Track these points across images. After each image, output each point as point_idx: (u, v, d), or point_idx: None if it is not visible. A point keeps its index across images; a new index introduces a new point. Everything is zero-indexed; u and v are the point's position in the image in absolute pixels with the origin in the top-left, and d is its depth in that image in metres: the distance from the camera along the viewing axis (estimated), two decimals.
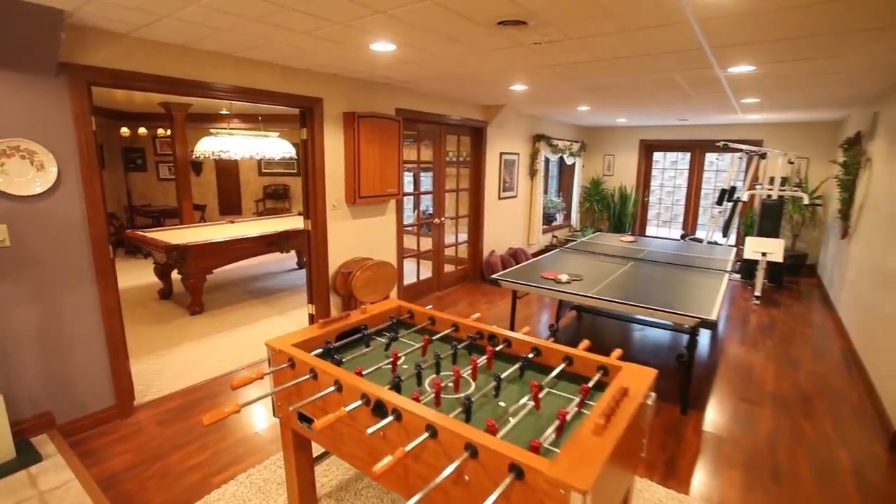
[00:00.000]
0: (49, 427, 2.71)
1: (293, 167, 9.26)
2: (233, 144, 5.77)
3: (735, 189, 6.33)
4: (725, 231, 6.54)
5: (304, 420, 1.88)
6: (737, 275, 6.45)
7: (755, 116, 6.45)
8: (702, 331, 4.11)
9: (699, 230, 8.59)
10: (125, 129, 7.86)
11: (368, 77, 4.09)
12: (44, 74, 2.48)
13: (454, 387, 1.80)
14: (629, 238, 5.72)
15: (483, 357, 2.00)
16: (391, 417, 1.50)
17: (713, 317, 2.84)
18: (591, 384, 1.74)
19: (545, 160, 7.79)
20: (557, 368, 1.89)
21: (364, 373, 1.80)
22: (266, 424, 2.97)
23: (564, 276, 3.66)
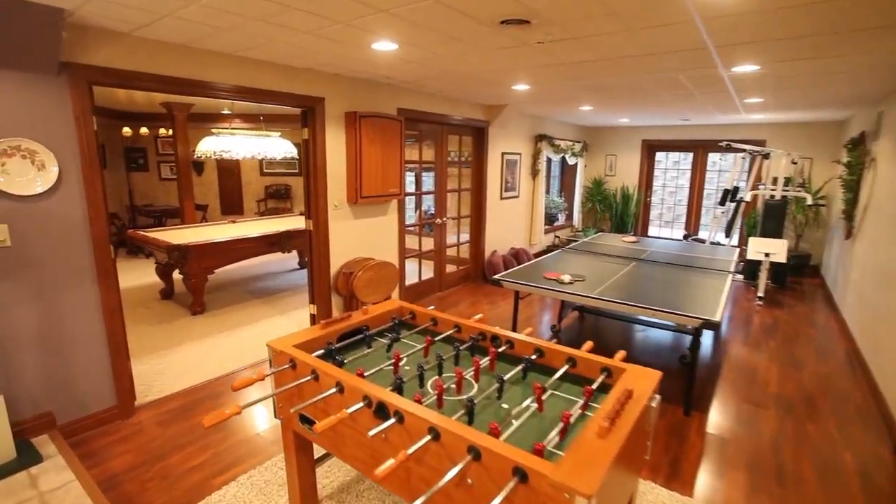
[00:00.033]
0: (50, 427, 2.70)
1: (295, 167, 9.25)
2: (234, 144, 5.76)
3: (738, 189, 6.31)
4: (728, 231, 6.52)
5: (306, 422, 1.86)
6: (739, 275, 6.42)
7: (758, 116, 6.42)
8: (704, 332, 4.08)
9: (702, 230, 8.56)
10: (127, 129, 7.86)
11: (370, 76, 4.08)
12: (45, 74, 2.47)
13: (457, 388, 1.79)
14: (632, 238, 5.70)
15: (486, 358, 1.99)
16: (393, 420, 1.48)
17: (717, 318, 2.82)
18: (595, 386, 1.72)
19: (547, 160, 7.77)
20: (561, 370, 1.87)
21: (366, 374, 1.79)
22: (267, 425, 2.96)
23: (567, 277, 3.65)
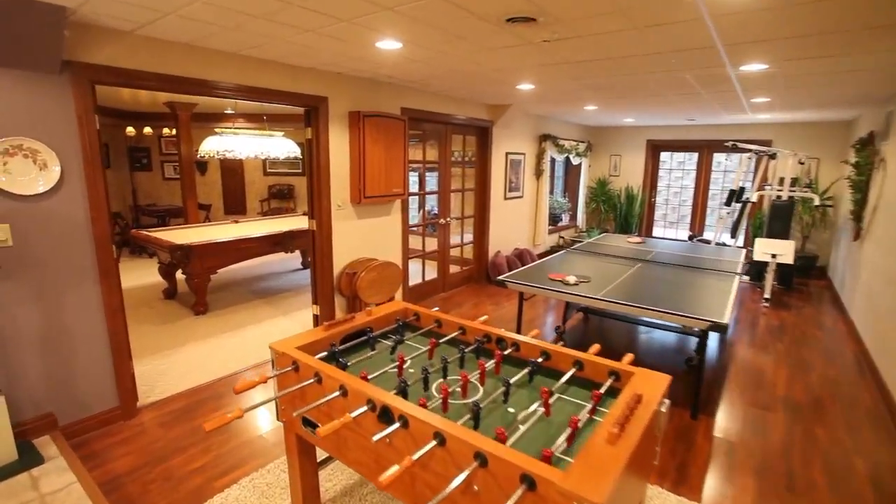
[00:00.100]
0: (51, 428, 2.69)
1: (298, 167, 9.24)
2: (238, 144, 5.75)
3: (744, 190, 6.25)
4: (734, 232, 6.46)
5: (309, 425, 1.84)
6: (745, 276, 6.37)
7: (765, 116, 6.36)
8: (711, 334, 4.04)
9: (707, 231, 8.50)
10: (131, 129, 7.87)
11: (374, 76, 4.06)
12: (47, 72, 2.46)
13: (462, 392, 1.76)
14: (637, 239, 5.66)
15: (491, 361, 1.95)
16: (398, 424, 1.45)
17: (725, 320, 2.78)
18: (603, 390, 1.69)
19: (551, 160, 7.73)
20: (568, 373, 1.84)
21: (369, 377, 1.77)
22: (270, 427, 2.94)
23: (572, 278, 3.61)
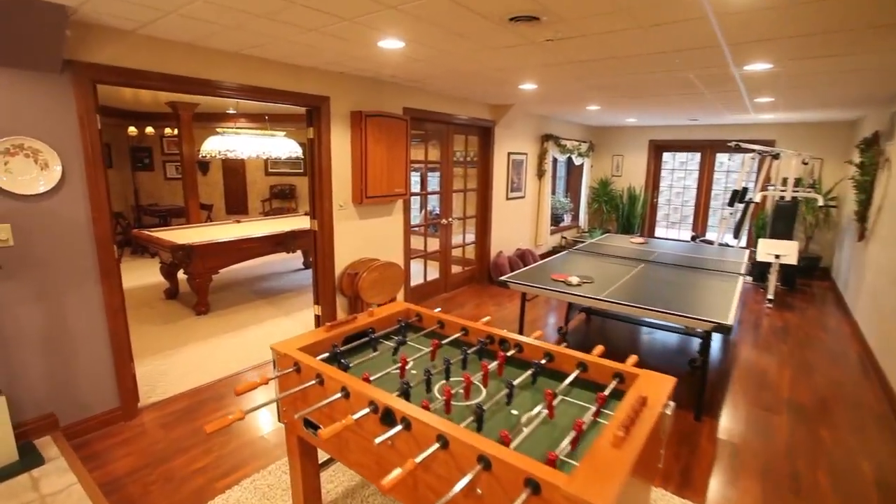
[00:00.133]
0: (52, 429, 2.68)
1: (300, 167, 9.23)
2: (239, 144, 5.74)
3: (747, 190, 6.22)
4: (737, 233, 6.44)
5: (310, 426, 1.82)
6: (748, 277, 6.33)
7: (768, 116, 6.33)
8: (714, 335, 4.02)
9: (709, 232, 8.47)
10: (133, 129, 7.87)
11: (376, 75, 4.04)
12: (48, 72, 2.45)
13: (465, 394, 1.74)
14: (639, 240, 5.63)
15: (494, 362, 1.94)
16: (400, 426, 1.44)
17: (729, 321, 2.76)
18: (608, 392, 1.67)
19: (553, 160, 7.71)
20: (571, 375, 1.82)
21: (372, 378, 1.75)
22: (271, 428, 2.93)
23: (575, 279, 3.59)
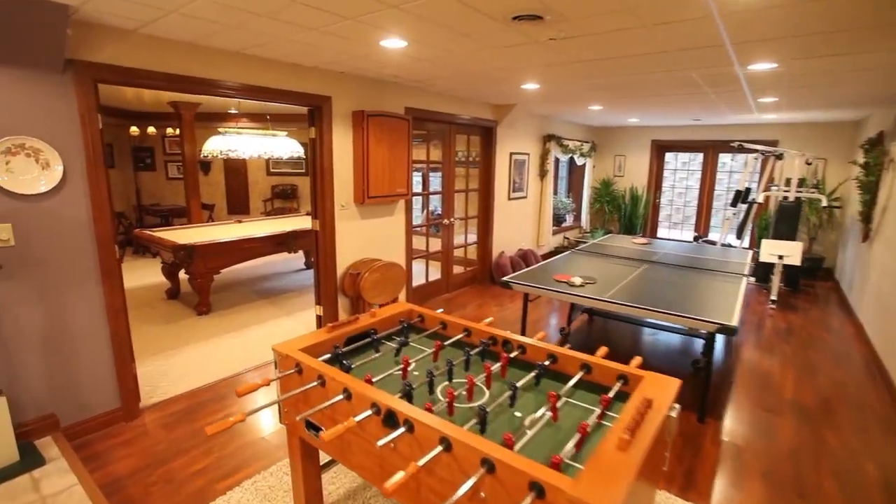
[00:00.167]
0: (53, 429, 2.67)
1: (301, 167, 9.23)
2: (241, 144, 5.73)
3: (750, 190, 6.19)
4: (740, 233, 6.41)
5: (312, 428, 1.81)
6: (751, 278, 6.31)
7: (771, 116, 6.31)
8: (717, 336, 4.00)
9: (712, 232, 8.45)
10: (135, 129, 7.87)
11: (377, 75, 4.03)
12: (50, 71, 2.44)
13: (468, 395, 1.72)
14: (642, 240, 5.61)
15: (497, 364, 1.92)
16: (403, 429, 1.42)
17: (734, 323, 2.74)
18: (612, 394, 1.65)
19: (555, 160, 7.69)
20: (575, 377, 1.81)
21: (374, 380, 1.74)
22: (273, 429, 2.92)
23: (578, 279, 3.57)
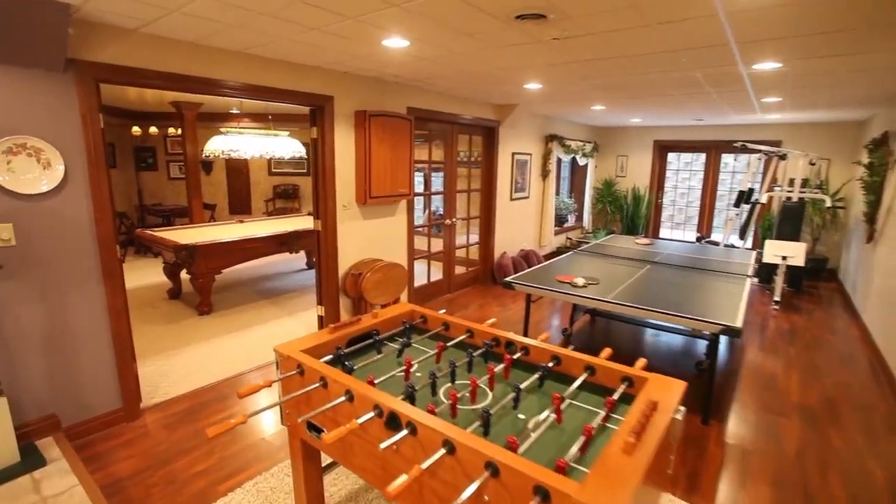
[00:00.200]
0: (54, 430, 2.66)
1: (303, 167, 9.22)
2: (243, 144, 5.73)
3: (753, 191, 6.17)
4: (743, 234, 6.38)
5: (314, 429, 1.80)
6: (754, 279, 6.28)
7: (774, 116, 6.28)
8: (722, 337, 3.98)
9: (714, 233, 8.42)
10: (137, 129, 7.87)
11: (380, 75, 4.02)
12: (51, 70, 2.43)
13: (471, 397, 1.71)
14: (645, 240, 5.59)
15: (500, 365, 1.91)
16: (406, 431, 1.41)
17: (738, 324, 2.72)
18: (616, 397, 1.64)
19: (557, 160, 7.67)
20: (579, 379, 1.79)
21: (376, 381, 1.72)
22: (274, 430, 2.90)
23: (580, 280, 3.56)
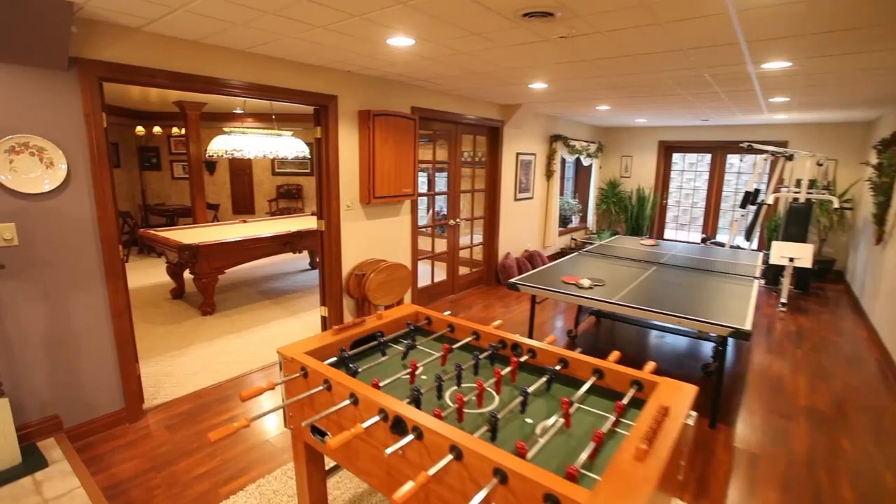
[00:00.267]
0: (56, 431, 2.64)
1: (307, 167, 9.21)
2: (246, 143, 5.71)
3: (759, 192, 6.11)
4: (748, 235, 6.33)
5: (318, 433, 1.77)
6: (761, 280, 6.23)
7: (781, 116, 6.23)
8: (729, 339, 3.93)
9: (720, 233, 8.36)
10: (140, 128, 7.87)
11: (384, 74, 3.99)
12: (54, 69, 2.42)
13: (477, 401, 1.68)
14: (650, 241, 5.55)
15: (507, 368, 1.88)
16: (412, 436, 1.38)
17: (747, 327, 2.68)
18: (626, 401, 1.60)
19: (562, 161, 7.63)
20: (588, 383, 1.76)
21: (381, 384, 1.69)
22: (277, 432, 2.88)
23: (586, 282, 3.52)
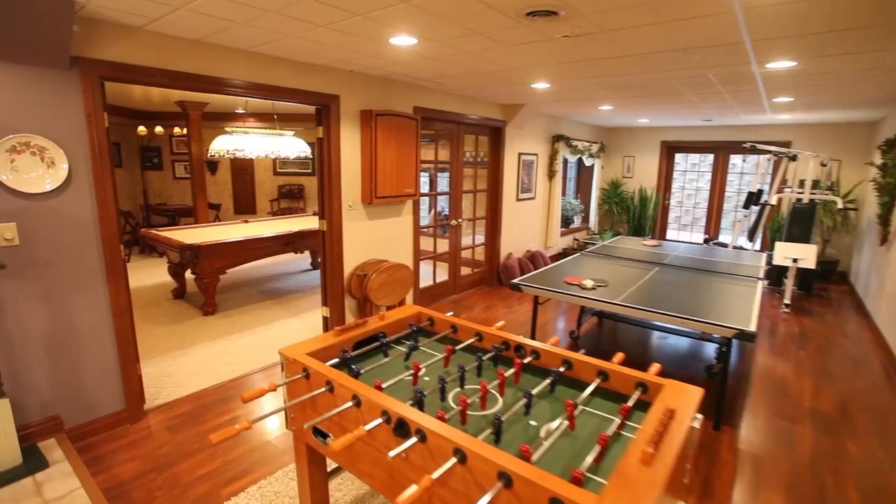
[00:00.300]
0: (57, 431, 2.63)
1: (308, 167, 9.20)
2: (248, 143, 5.70)
3: (762, 192, 6.09)
4: (751, 235, 6.30)
5: (320, 434, 1.76)
6: (764, 281, 6.20)
7: (784, 117, 6.20)
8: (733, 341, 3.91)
9: (722, 234, 8.33)
10: (142, 128, 7.87)
11: (386, 74, 3.98)
12: (56, 68, 2.41)
13: (481, 403, 1.66)
14: (653, 242, 5.52)
15: (510, 370, 1.86)
16: (415, 439, 1.37)
17: (752, 328, 2.66)
18: (631, 403, 1.59)
19: (564, 161, 7.61)
20: (592, 385, 1.74)
21: (383, 386, 1.68)
22: (279, 433, 2.87)
23: (589, 282, 3.50)
